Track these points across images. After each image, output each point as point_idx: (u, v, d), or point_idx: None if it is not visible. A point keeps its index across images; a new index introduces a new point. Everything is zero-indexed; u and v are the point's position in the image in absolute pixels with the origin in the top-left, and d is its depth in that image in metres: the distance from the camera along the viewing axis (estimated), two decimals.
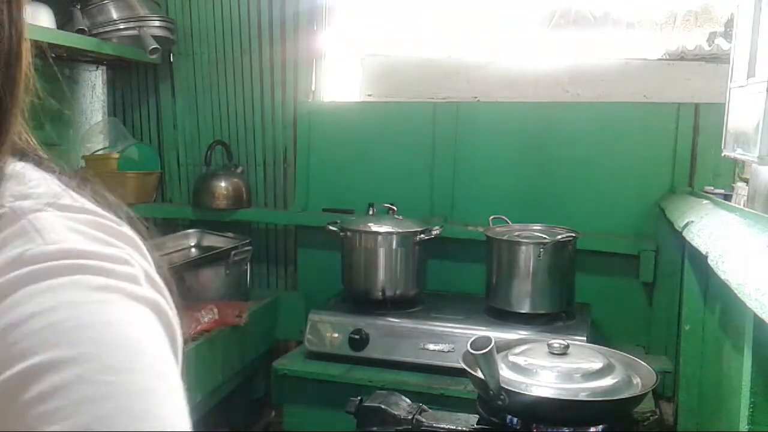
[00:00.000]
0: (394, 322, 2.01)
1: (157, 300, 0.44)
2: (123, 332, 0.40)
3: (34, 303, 0.39)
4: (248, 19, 2.56)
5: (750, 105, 1.24)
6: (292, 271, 2.62)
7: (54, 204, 0.45)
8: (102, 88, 2.77)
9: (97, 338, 0.39)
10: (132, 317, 0.41)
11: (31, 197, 0.45)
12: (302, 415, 2.04)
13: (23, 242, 0.41)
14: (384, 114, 2.45)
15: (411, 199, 2.33)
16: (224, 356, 2.07)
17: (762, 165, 1.20)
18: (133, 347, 0.40)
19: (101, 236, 0.44)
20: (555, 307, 2.01)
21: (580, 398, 1.33)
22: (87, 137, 2.65)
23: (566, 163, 2.26)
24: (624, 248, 2.18)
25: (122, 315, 0.41)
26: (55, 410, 0.36)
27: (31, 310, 0.39)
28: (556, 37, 2.45)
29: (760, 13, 1.23)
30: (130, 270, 0.43)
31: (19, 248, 0.41)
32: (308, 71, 2.55)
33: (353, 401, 1.49)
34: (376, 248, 2.10)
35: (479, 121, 2.34)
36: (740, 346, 1.11)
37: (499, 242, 2.04)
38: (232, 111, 2.64)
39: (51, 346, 0.38)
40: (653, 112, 2.20)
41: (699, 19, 2.34)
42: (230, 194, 2.51)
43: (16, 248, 0.41)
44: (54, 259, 0.41)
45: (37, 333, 0.38)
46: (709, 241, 1.19)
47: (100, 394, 0.37)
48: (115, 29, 2.34)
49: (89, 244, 0.43)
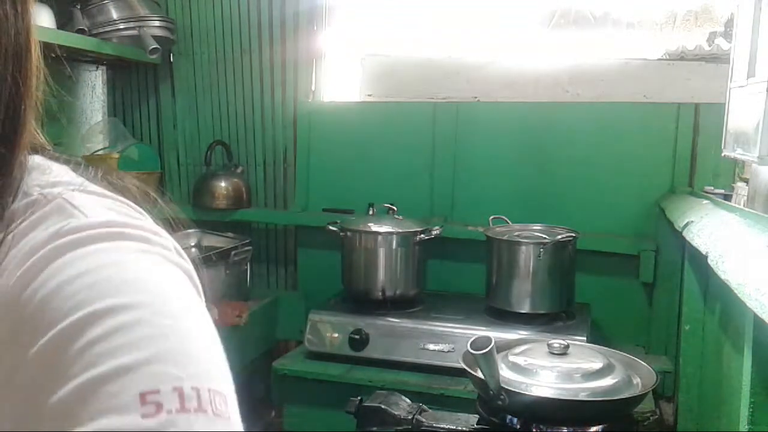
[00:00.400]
0: (394, 322, 2.01)
1: (188, 267, 0.46)
2: (170, 285, 0.43)
3: (83, 263, 0.40)
4: (248, 19, 2.56)
5: (750, 105, 1.24)
6: (292, 271, 2.62)
7: (83, 190, 0.46)
8: (102, 88, 2.77)
9: (149, 288, 0.41)
10: (173, 276, 0.44)
11: (59, 185, 0.46)
12: (302, 415, 2.04)
13: (62, 218, 0.43)
14: (384, 114, 2.45)
15: (411, 199, 2.33)
16: (224, 356, 2.07)
17: (762, 165, 1.20)
18: (180, 298, 0.42)
19: (132, 213, 0.46)
20: (555, 307, 2.01)
21: (580, 398, 1.33)
22: (87, 137, 2.65)
23: (566, 163, 2.26)
24: (624, 248, 2.18)
25: (165, 272, 0.43)
26: (116, 348, 0.37)
27: (82, 269, 0.40)
28: (556, 37, 2.45)
29: (760, 13, 1.23)
30: (163, 240, 0.45)
31: (58, 223, 0.42)
32: (308, 71, 2.55)
33: (353, 401, 1.49)
34: (376, 248, 2.10)
35: (479, 121, 2.34)
36: (740, 346, 1.11)
37: (499, 242, 2.04)
38: (232, 111, 2.64)
39: (105, 296, 0.39)
40: (653, 112, 2.20)
41: (699, 19, 2.34)
42: (230, 194, 2.51)
43: (55, 224, 0.42)
44: (96, 228, 0.42)
45: (89, 287, 0.39)
46: (709, 241, 1.19)
47: (159, 333, 0.38)
48: (115, 29, 2.34)
49: (125, 218, 0.45)
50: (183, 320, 0.41)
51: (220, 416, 0.37)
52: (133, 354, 0.37)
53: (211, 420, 0.37)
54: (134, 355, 0.37)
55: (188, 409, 0.36)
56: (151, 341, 0.38)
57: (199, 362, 0.39)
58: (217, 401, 0.38)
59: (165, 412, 0.35)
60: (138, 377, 0.36)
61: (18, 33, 0.45)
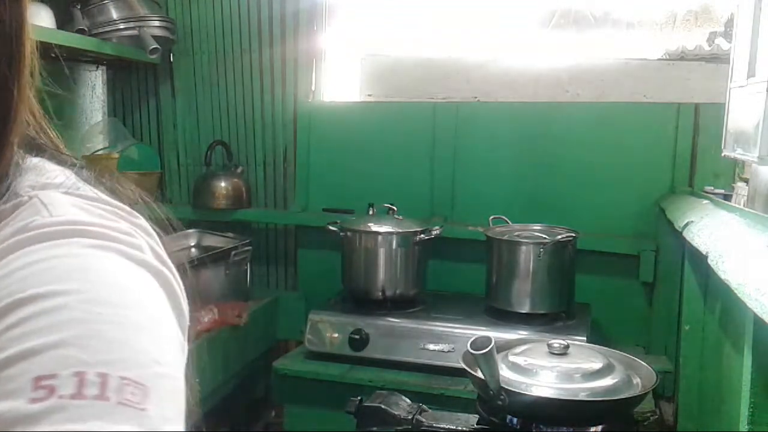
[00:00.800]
0: (394, 322, 2.01)
1: (161, 269, 0.44)
2: (116, 277, 0.41)
3: (33, 256, 0.40)
4: (248, 18, 2.56)
5: (750, 105, 1.23)
6: (292, 271, 2.62)
7: (72, 193, 0.46)
8: (102, 88, 2.77)
9: (89, 278, 0.39)
10: (127, 270, 0.42)
11: (49, 187, 0.46)
12: (302, 415, 2.04)
13: (30, 214, 0.43)
14: (384, 114, 2.45)
15: (411, 199, 2.32)
16: (224, 356, 2.07)
17: (762, 165, 1.20)
18: (125, 289, 0.40)
19: (112, 218, 0.45)
20: (555, 307, 2.01)
21: (580, 398, 1.33)
22: (87, 137, 2.65)
23: (566, 163, 2.26)
24: (624, 248, 2.18)
25: (116, 266, 0.41)
26: (30, 332, 0.36)
27: (29, 261, 0.40)
28: (556, 37, 2.45)
29: (760, 13, 1.23)
30: (134, 240, 0.44)
31: (26, 219, 0.42)
32: (308, 71, 2.55)
33: (353, 401, 1.48)
34: (376, 248, 2.10)
35: (479, 121, 2.34)
36: (740, 346, 1.11)
37: (499, 242, 2.04)
38: (232, 111, 2.64)
39: (41, 283, 0.38)
40: (653, 112, 2.20)
41: (699, 19, 2.34)
42: (230, 194, 2.51)
43: (24, 220, 0.42)
44: (56, 225, 0.42)
45: (29, 276, 0.39)
46: (709, 241, 1.19)
47: (81, 318, 0.37)
48: (115, 29, 2.34)
49: (93, 218, 0.44)
50: (118, 309, 0.38)
51: (127, 406, 0.35)
52: (44, 338, 0.36)
53: (111, 408, 0.34)
54: (44, 339, 0.36)
55: (84, 395, 0.34)
56: (67, 326, 0.36)
57: (119, 350, 0.37)
58: (127, 390, 0.35)
59: (56, 397, 0.34)
60: (39, 361, 0.35)
61: (11, 31, 0.44)
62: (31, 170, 0.47)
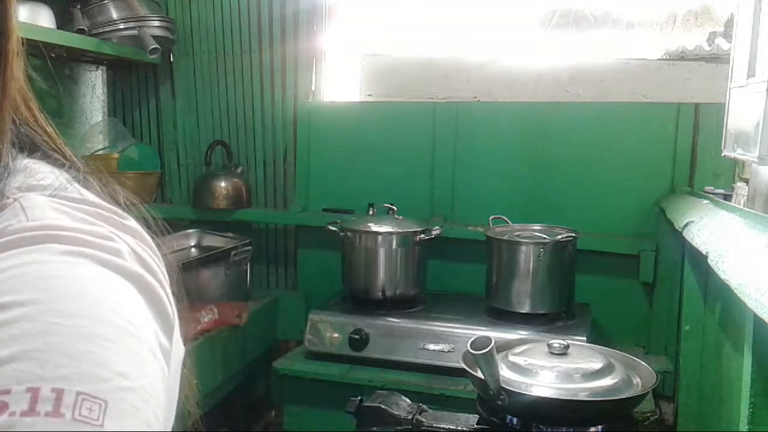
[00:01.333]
0: (394, 322, 2.01)
1: (141, 274, 0.42)
2: (84, 286, 0.39)
3: (4, 264, 0.39)
4: (248, 19, 2.56)
5: (750, 105, 1.23)
6: (292, 271, 2.62)
7: (57, 195, 0.45)
8: (102, 88, 2.77)
9: (53, 287, 0.38)
10: (99, 278, 0.40)
11: (36, 189, 0.45)
12: (302, 415, 2.04)
13: (8, 218, 0.42)
14: (384, 114, 2.45)
15: (411, 199, 2.32)
16: (224, 356, 2.07)
17: (762, 165, 1.20)
18: (93, 299, 0.39)
19: (94, 221, 0.43)
20: (555, 307, 2.01)
21: (580, 398, 1.33)
22: (87, 137, 2.65)
23: (566, 163, 2.26)
24: (624, 248, 2.18)
25: (87, 273, 0.40)
26: None
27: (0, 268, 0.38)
28: (556, 37, 2.45)
29: (760, 13, 1.23)
30: (112, 244, 0.42)
31: (3, 223, 0.41)
32: (308, 71, 2.55)
33: (353, 401, 1.48)
34: (376, 248, 2.10)
35: (479, 121, 2.34)
36: (740, 346, 1.11)
37: (499, 242, 2.04)
38: (232, 111, 2.64)
39: (3, 293, 0.37)
40: (653, 112, 2.20)
41: (699, 19, 2.34)
42: (230, 194, 2.51)
43: (1, 224, 0.41)
44: (30, 231, 0.40)
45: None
46: (709, 241, 1.19)
47: (41, 331, 0.36)
48: (115, 29, 2.34)
49: (71, 222, 0.42)
50: (81, 320, 0.37)
51: (82, 422, 0.34)
52: (1, 351, 0.35)
53: (65, 425, 0.33)
54: (1, 353, 0.35)
55: (37, 411, 0.33)
56: (26, 339, 0.35)
57: (78, 363, 0.35)
58: (84, 406, 0.34)
59: (7, 414, 0.33)
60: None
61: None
62: (21, 171, 0.46)
